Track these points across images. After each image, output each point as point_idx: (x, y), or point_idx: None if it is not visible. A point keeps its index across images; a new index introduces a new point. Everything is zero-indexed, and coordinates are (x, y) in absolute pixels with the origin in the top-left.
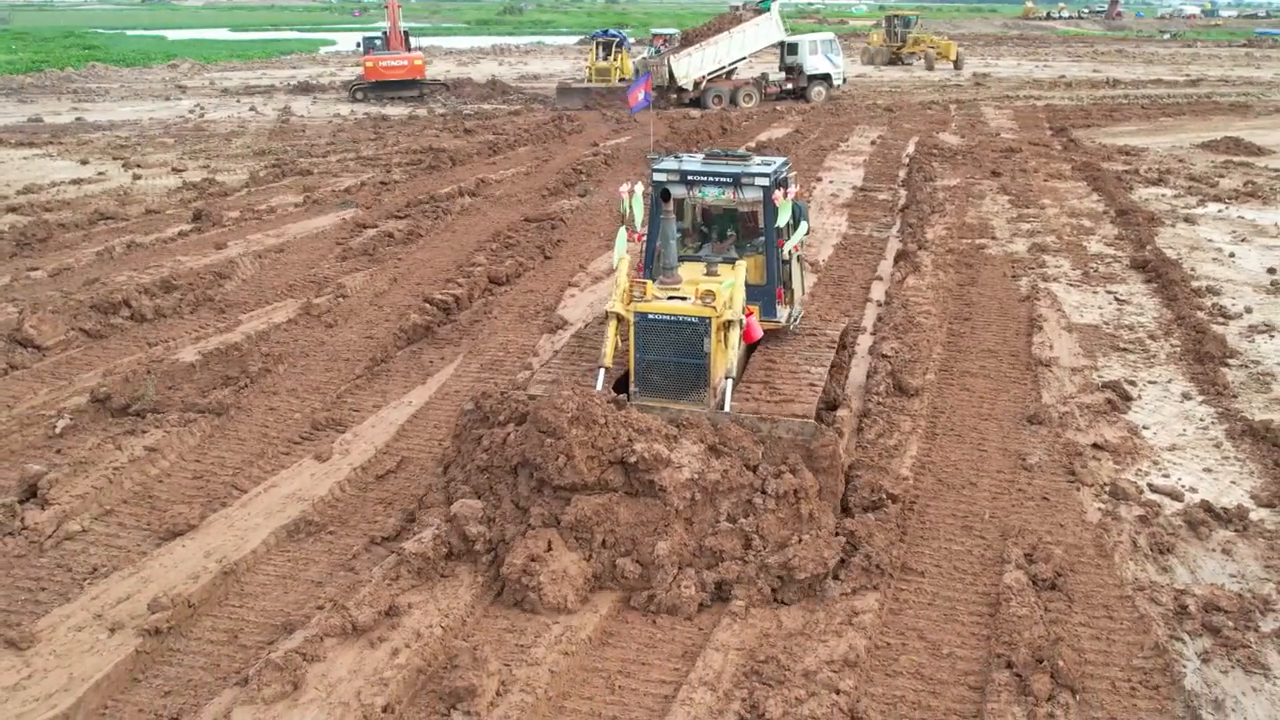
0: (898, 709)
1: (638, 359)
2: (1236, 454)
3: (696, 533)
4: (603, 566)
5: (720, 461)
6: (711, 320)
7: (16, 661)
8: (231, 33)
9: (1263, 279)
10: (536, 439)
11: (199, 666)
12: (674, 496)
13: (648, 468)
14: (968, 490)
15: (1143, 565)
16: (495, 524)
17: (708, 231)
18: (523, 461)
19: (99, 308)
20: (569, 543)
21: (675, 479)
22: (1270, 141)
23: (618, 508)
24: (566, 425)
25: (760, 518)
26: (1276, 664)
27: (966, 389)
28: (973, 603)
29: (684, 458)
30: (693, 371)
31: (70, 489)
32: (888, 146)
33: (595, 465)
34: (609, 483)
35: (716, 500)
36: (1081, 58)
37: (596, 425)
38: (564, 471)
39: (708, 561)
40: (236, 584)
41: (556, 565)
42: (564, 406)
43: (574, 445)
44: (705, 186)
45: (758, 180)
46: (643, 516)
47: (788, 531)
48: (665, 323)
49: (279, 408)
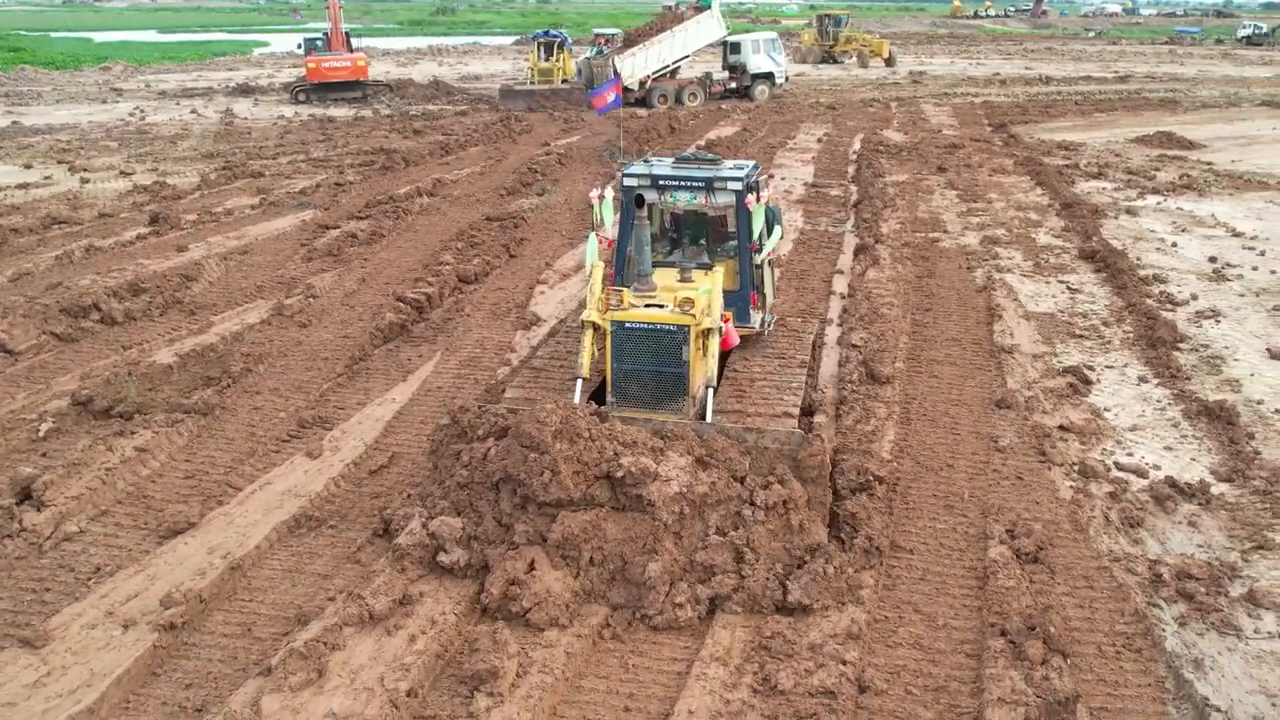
0: (901, 677)
1: (615, 368)
2: (1194, 433)
3: (686, 547)
4: (591, 584)
5: (708, 474)
6: (690, 328)
7: (34, 660)
8: (160, 34)
9: (1205, 267)
10: (519, 454)
11: (216, 659)
12: (663, 511)
13: (635, 482)
14: (945, 472)
15: (1116, 538)
16: (477, 542)
17: (677, 237)
18: (505, 477)
19: (69, 311)
20: (554, 561)
21: (664, 493)
22: (1201, 136)
23: (605, 524)
24: (550, 439)
25: (750, 530)
26: (1248, 625)
27: (935, 376)
28: (961, 577)
29: (672, 471)
30: (671, 380)
31: (65, 490)
32: (834, 144)
33: (581, 480)
34: (595, 498)
35: (705, 513)
36: (1012, 55)
37: (581, 439)
38: (549, 487)
39: (699, 576)
40: (244, 579)
41: (540, 586)
42: (547, 420)
43: (559, 460)
44: (676, 191)
45: (730, 185)
46: (631, 532)
47: (779, 544)
48: (643, 331)
49: (263, 407)
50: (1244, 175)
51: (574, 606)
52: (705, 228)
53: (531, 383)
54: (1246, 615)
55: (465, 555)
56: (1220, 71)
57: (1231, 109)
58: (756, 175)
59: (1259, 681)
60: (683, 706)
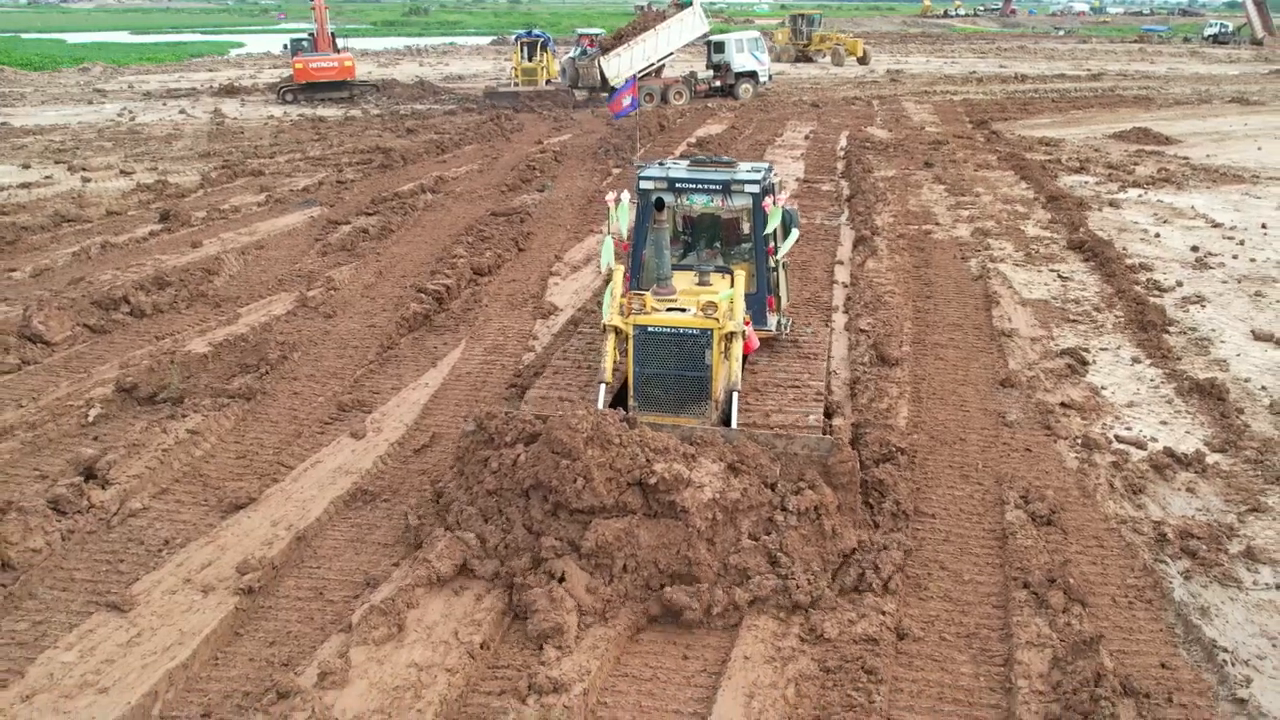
0: (935, 625)
1: (637, 373)
2: (1187, 408)
3: (719, 553)
4: (626, 590)
5: (739, 480)
6: (714, 332)
7: (123, 622)
8: (132, 35)
9: (1187, 256)
10: (551, 461)
11: (294, 620)
12: (696, 517)
13: (668, 488)
14: (959, 445)
15: (1120, 503)
16: (505, 549)
17: (692, 240)
18: (536, 484)
19: (100, 304)
20: (585, 567)
21: (698, 499)
22: (1176, 131)
23: (638, 531)
24: (582, 446)
25: (784, 535)
26: (1247, 578)
27: (940, 358)
28: (982, 538)
29: (704, 477)
30: (694, 384)
31: (126, 469)
32: (821, 140)
33: (614, 487)
34: (627, 505)
35: (737, 519)
36: (986, 54)
37: (612, 445)
38: (582, 494)
39: (734, 579)
40: (309, 548)
41: (571, 603)
42: (579, 427)
43: (592, 467)
44: (693, 194)
45: (747, 187)
46: (664, 539)
47: (813, 549)
48: (666, 335)
49: (302, 392)
50: (1219, 169)
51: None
52: (719, 230)
53: (552, 386)
54: (1245, 569)
55: (494, 565)
56: (1190, 69)
57: (1203, 105)
58: (772, 177)
59: (1260, 626)
60: (738, 653)
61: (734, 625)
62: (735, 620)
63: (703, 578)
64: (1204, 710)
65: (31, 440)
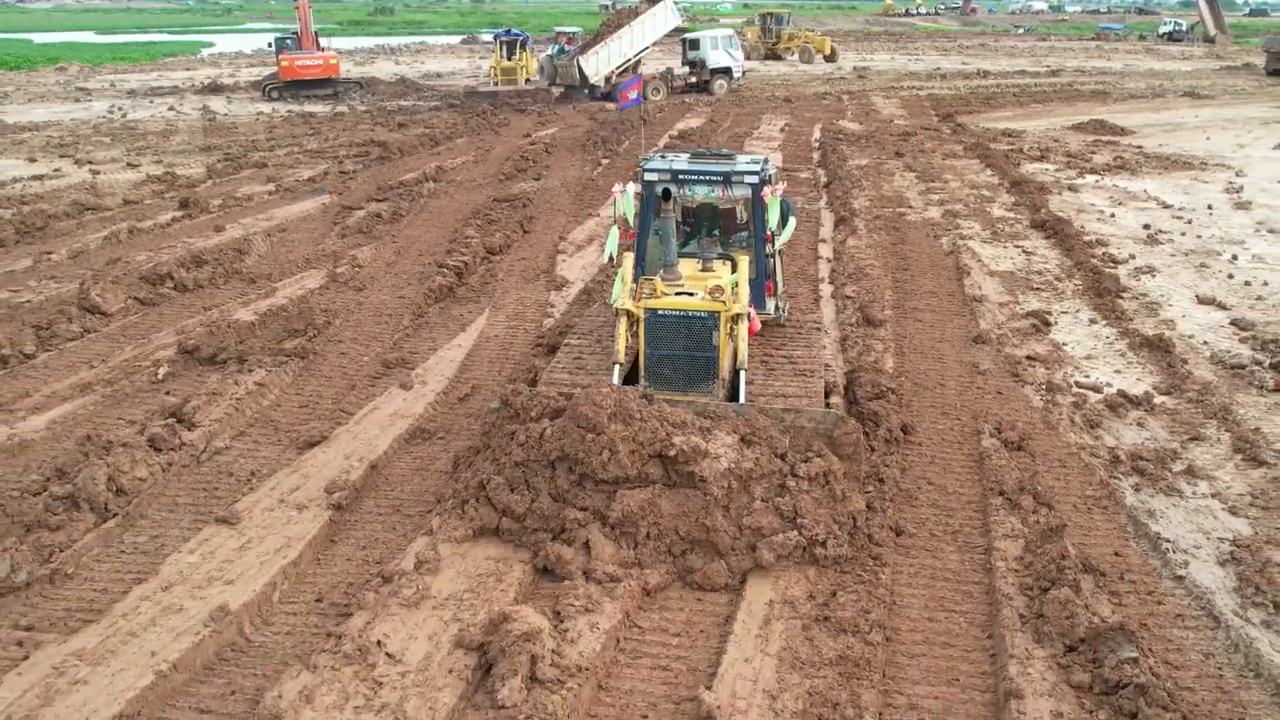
0: (926, 525)
1: (648, 354)
2: (1138, 360)
3: (734, 518)
4: (649, 555)
5: (752, 450)
6: (721, 314)
7: (233, 533)
8: (98, 35)
9: (1140, 233)
10: (577, 435)
11: (379, 530)
12: (714, 486)
13: (687, 460)
14: (938, 390)
15: (1080, 434)
16: (531, 515)
17: (691, 229)
18: (562, 456)
19: (148, 279)
20: (609, 535)
21: (714, 469)
22: (1131, 123)
23: (660, 500)
24: (606, 421)
25: (797, 498)
26: (1187, 489)
27: (919, 320)
28: (962, 460)
29: (720, 448)
30: (703, 364)
31: (209, 414)
32: (796, 133)
33: (636, 459)
34: (649, 475)
35: (750, 486)
36: (949, 51)
37: (634, 420)
38: (608, 466)
39: (749, 540)
40: (381, 475)
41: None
42: (603, 403)
43: (617, 440)
44: (696, 185)
45: (747, 178)
46: (684, 508)
47: (825, 510)
48: (676, 318)
49: (349, 352)
50: (1170, 157)
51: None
52: (718, 219)
53: (568, 366)
54: (1186, 483)
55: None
56: (1145, 66)
57: (1157, 99)
58: (769, 168)
59: (1196, 524)
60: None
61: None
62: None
63: (720, 544)
64: (1150, 584)
65: (111, 394)
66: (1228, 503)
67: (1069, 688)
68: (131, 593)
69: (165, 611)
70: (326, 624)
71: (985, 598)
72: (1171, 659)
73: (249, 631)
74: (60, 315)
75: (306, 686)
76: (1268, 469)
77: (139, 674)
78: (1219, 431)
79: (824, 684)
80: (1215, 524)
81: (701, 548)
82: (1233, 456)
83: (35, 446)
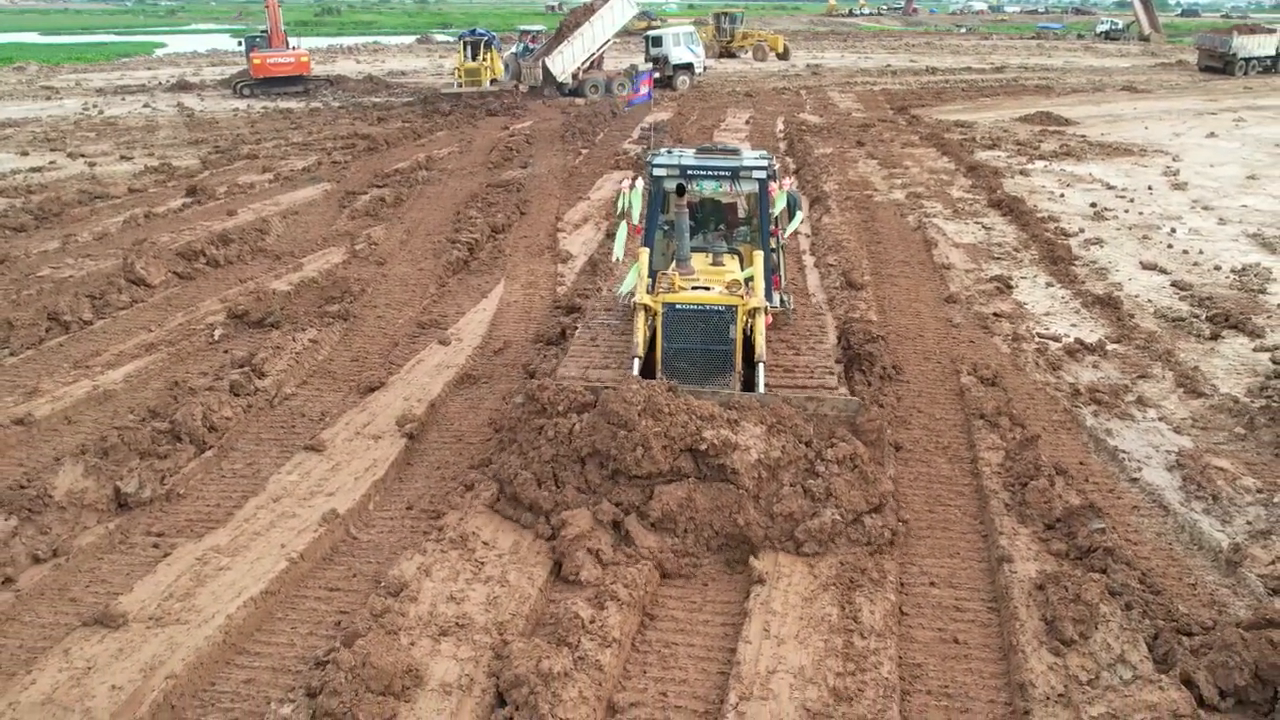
0: (920, 443)
1: (666, 347)
2: (1090, 315)
3: (764, 507)
4: (687, 546)
5: (778, 439)
6: (738, 308)
7: (322, 458)
8: (42, 36)
9: (1087, 211)
10: (608, 431)
11: (446, 455)
12: (745, 478)
13: (717, 453)
14: (919, 339)
15: (1045, 374)
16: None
17: (696, 224)
18: (593, 452)
19: (183, 255)
20: (647, 527)
21: (745, 460)
22: (1075, 114)
23: (695, 495)
24: (637, 417)
25: (830, 481)
26: (1138, 415)
27: (895, 284)
28: (945, 394)
29: (748, 440)
30: (719, 357)
31: (275, 365)
32: (760, 125)
33: (669, 454)
34: (681, 469)
35: (779, 474)
36: (896, 50)
37: (664, 415)
38: (642, 462)
39: (783, 529)
40: (440, 413)
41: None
42: (633, 400)
43: (650, 436)
44: (704, 180)
45: (755, 173)
46: (717, 501)
47: (857, 493)
48: (693, 312)
49: (385, 315)
50: (1112, 145)
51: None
52: (721, 213)
53: (583, 356)
54: (1137, 410)
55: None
56: (1085, 63)
57: (1097, 93)
58: (774, 164)
59: (1147, 441)
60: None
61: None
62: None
63: (754, 537)
64: (1110, 484)
65: (175, 353)
66: (1173, 425)
67: (1049, 555)
68: (248, 503)
69: (281, 517)
70: (421, 525)
71: (975, 495)
72: (1130, 538)
73: (354, 532)
74: (110, 286)
75: (423, 564)
76: (1205, 399)
77: (274, 561)
78: (1164, 371)
79: (853, 557)
80: (1163, 440)
81: (737, 541)
82: (1176, 390)
83: (119, 395)
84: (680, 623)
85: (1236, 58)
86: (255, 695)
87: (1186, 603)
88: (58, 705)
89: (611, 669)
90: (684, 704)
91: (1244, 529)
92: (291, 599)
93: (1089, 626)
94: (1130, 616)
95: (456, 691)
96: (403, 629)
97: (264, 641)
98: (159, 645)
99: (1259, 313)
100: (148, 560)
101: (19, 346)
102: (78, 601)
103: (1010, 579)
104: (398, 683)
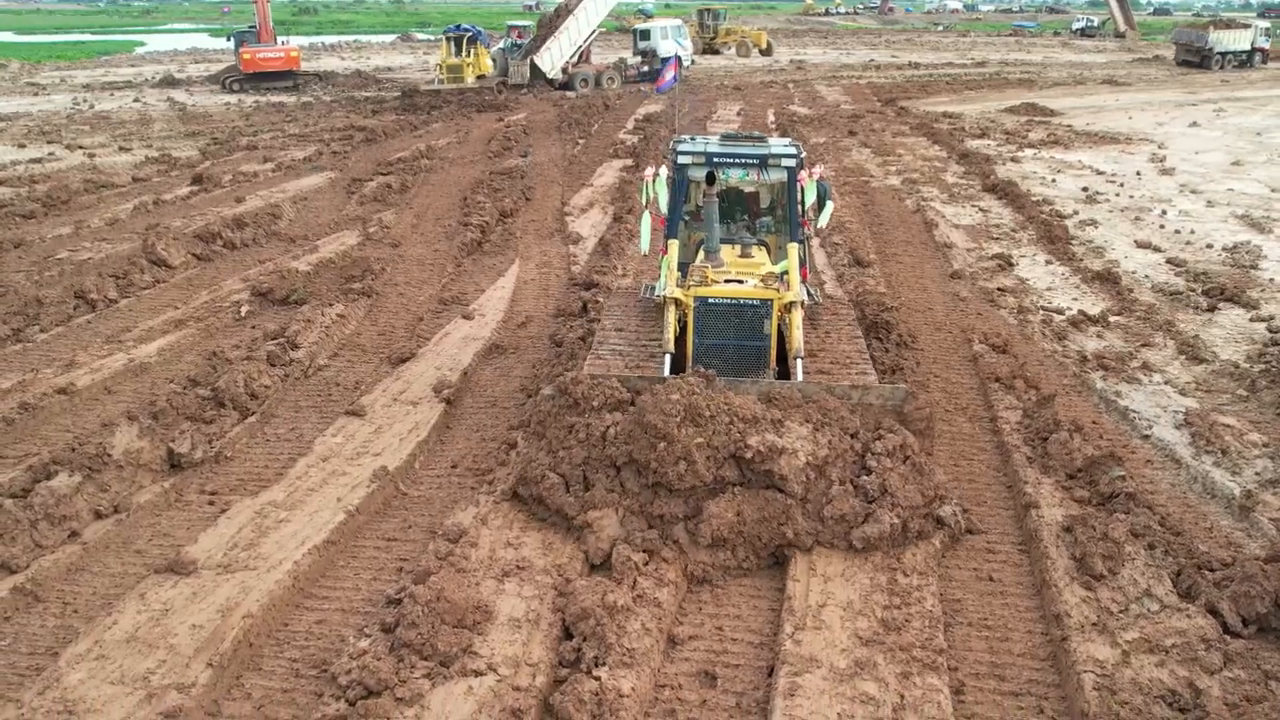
0: (940, 404)
1: (698, 343)
2: (1090, 290)
3: (813, 511)
4: (735, 559)
5: (824, 435)
6: (774, 302)
7: (363, 423)
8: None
9: (1079, 195)
10: (647, 443)
11: (482, 418)
12: (793, 484)
13: (763, 460)
14: (928, 312)
15: (1052, 343)
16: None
17: (721, 213)
18: (629, 461)
19: (201, 237)
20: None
21: (793, 465)
22: (1059, 105)
23: (744, 508)
24: (676, 430)
25: (884, 477)
26: (1144, 379)
27: (900, 262)
28: (959, 360)
29: (795, 441)
30: (753, 354)
31: (308, 337)
32: (752, 116)
33: (712, 464)
34: (725, 478)
35: (827, 471)
36: (877, 46)
37: (703, 419)
38: (685, 477)
39: (833, 531)
40: (473, 381)
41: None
42: (671, 411)
43: (692, 449)
44: (730, 168)
45: (784, 161)
46: (765, 512)
47: (913, 486)
48: (727, 306)
49: (406, 293)
50: (1098, 134)
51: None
52: (744, 203)
53: (611, 352)
54: (1143, 375)
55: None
56: (1063, 58)
57: (1079, 86)
58: (803, 152)
59: (1154, 403)
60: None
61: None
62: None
63: (802, 545)
64: (1124, 440)
65: (204, 328)
66: (1178, 388)
67: (1073, 501)
68: (298, 462)
69: (332, 475)
70: (468, 481)
71: (997, 450)
72: (1146, 488)
73: (404, 489)
74: (133, 267)
75: (478, 513)
76: (1207, 365)
77: (333, 513)
78: (1165, 339)
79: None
80: (1170, 401)
81: (785, 548)
82: (1178, 356)
83: (154, 368)
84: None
85: (1213, 52)
86: (328, 634)
87: (1205, 543)
88: (141, 642)
89: (669, 605)
90: (740, 636)
91: (1254, 479)
92: (352, 548)
93: (1117, 563)
94: (1154, 555)
95: (525, 624)
96: (467, 570)
97: (330, 586)
98: (232, 589)
99: (1253, 287)
100: (206, 516)
101: (49, 324)
102: (143, 553)
103: (1039, 523)
104: (469, 617)
